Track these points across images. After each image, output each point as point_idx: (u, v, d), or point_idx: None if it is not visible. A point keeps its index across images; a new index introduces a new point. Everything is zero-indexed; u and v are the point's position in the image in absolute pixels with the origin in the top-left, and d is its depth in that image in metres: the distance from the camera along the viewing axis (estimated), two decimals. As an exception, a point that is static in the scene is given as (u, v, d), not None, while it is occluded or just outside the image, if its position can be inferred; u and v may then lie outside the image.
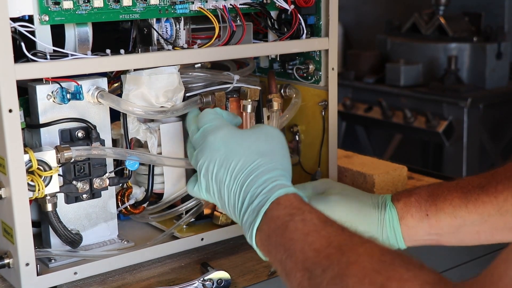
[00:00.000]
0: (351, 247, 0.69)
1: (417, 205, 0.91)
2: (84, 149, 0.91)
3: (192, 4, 0.98)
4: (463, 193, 0.88)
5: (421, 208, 0.90)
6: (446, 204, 0.89)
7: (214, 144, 0.84)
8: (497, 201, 0.85)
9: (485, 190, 0.87)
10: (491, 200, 0.86)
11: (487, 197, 0.86)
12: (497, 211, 0.85)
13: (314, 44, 1.10)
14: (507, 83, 2.87)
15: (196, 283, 0.90)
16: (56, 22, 0.88)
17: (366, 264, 0.65)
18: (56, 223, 0.90)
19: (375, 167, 1.20)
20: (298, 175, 1.20)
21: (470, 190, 0.88)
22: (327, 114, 1.13)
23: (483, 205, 0.86)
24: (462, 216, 0.88)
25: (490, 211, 0.86)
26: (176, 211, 1.04)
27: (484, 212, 0.86)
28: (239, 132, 0.86)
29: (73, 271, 0.91)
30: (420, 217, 0.90)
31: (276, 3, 1.06)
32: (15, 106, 0.81)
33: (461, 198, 0.88)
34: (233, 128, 0.87)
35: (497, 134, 2.93)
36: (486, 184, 0.87)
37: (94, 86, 0.93)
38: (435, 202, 0.90)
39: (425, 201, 0.90)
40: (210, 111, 0.90)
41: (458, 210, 0.88)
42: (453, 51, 2.81)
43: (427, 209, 0.90)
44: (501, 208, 0.85)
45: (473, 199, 0.87)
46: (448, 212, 0.88)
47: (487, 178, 0.88)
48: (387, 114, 2.88)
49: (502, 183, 0.86)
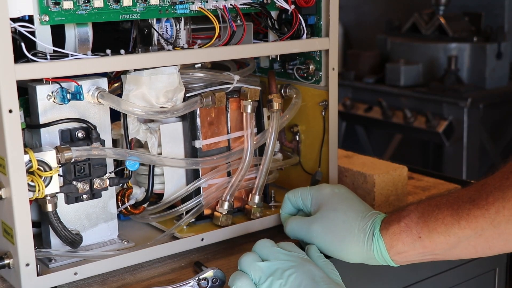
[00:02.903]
0: None
1: (407, 230, 0.89)
2: (84, 150, 0.91)
3: (193, 4, 0.98)
4: (454, 210, 0.87)
5: (412, 232, 0.89)
6: (438, 223, 0.87)
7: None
8: (489, 213, 0.84)
9: (476, 204, 0.85)
10: (483, 213, 0.84)
11: (479, 210, 0.84)
12: (490, 224, 0.84)
13: (314, 44, 1.09)
14: (507, 83, 2.87)
15: (192, 282, 0.90)
16: (56, 22, 0.88)
17: None
18: (56, 223, 0.90)
19: (375, 167, 1.20)
20: (298, 175, 1.20)
21: (461, 205, 0.86)
22: (327, 114, 1.13)
23: (475, 220, 0.85)
24: (456, 233, 0.86)
25: (483, 225, 0.84)
26: (177, 211, 1.04)
27: (478, 227, 0.85)
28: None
29: (73, 271, 0.91)
30: (412, 240, 0.89)
31: (276, 3, 1.06)
32: (15, 106, 0.81)
33: (453, 215, 0.87)
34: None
35: (497, 134, 2.93)
36: (477, 197, 0.85)
37: (94, 86, 0.93)
38: (427, 223, 0.88)
39: (415, 224, 0.89)
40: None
41: (451, 228, 0.87)
42: (453, 51, 2.81)
43: (419, 232, 0.89)
44: (494, 221, 0.84)
45: (464, 214, 0.86)
46: (441, 231, 0.87)
47: (478, 190, 0.86)
48: (387, 114, 2.88)
49: (493, 194, 0.84)
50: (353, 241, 0.92)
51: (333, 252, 0.93)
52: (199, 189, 1.06)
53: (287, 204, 1.03)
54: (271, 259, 0.86)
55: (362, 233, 0.92)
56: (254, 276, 0.85)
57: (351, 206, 0.95)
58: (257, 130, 1.10)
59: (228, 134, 1.08)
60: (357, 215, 0.94)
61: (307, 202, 1.00)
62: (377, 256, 0.91)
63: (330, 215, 0.94)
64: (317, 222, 0.95)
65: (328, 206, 0.96)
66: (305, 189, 1.01)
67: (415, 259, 0.91)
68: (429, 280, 1.13)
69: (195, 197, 1.05)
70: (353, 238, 0.92)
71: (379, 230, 0.91)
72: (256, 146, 1.09)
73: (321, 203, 0.97)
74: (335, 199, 0.97)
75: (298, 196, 1.02)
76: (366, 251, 0.92)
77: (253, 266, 0.86)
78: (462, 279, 1.19)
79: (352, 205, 0.96)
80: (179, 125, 1.05)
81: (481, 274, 1.22)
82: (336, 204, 0.96)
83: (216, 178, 1.07)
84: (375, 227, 0.92)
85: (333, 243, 0.93)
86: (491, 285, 1.24)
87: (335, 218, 0.94)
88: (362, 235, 0.92)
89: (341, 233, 0.93)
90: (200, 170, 1.05)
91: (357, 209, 0.95)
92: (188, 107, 1.00)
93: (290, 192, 1.03)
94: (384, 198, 1.17)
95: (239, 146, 1.09)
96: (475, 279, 1.21)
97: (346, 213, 0.94)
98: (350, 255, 0.93)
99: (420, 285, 1.12)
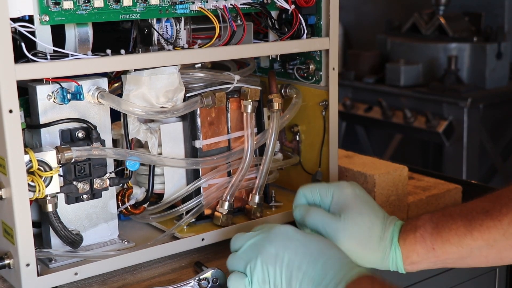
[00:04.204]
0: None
1: (422, 241, 0.90)
2: (85, 150, 0.91)
3: (193, 4, 0.98)
4: (467, 220, 0.88)
5: (426, 243, 0.90)
6: (451, 234, 0.88)
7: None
8: (502, 224, 0.85)
9: (489, 215, 0.86)
10: (496, 224, 0.85)
11: (492, 221, 0.85)
12: (502, 235, 0.85)
13: (314, 44, 1.09)
14: (507, 83, 2.87)
15: (192, 282, 0.90)
16: (56, 22, 0.87)
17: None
18: (57, 223, 0.90)
19: (375, 167, 1.20)
20: (298, 175, 1.20)
21: (475, 216, 0.87)
22: (327, 114, 1.13)
23: (488, 231, 0.86)
24: (468, 244, 0.87)
25: (495, 236, 0.85)
26: (177, 211, 1.04)
27: (490, 238, 0.86)
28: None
29: (74, 271, 0.91)
30: (425, 251, 0.90)
31: (276, 3, 1.06)
32: (16, 106, 0.81)
33: (466, 226, 0.87)
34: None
35: (497, 134, 2.93)
36: (491, 208, 0.86)
37: (94, 86, 0.93)
38: (441, 234, 0.89)
39: (430, 235, 0.90)
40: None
41: (463, 239, 0.87)
42: (453, 51, 2.81)
43: (433, 243, 0.90)
44: (506, 232, 0.85)
45: (477, 225, 0.86)
46: (454, 242, 0.88)
47: (492, 201, 0.87)
48: (387, 114, 2.88)
49: (507, 205, 0.85)
50: (374, 249, 0.92)
51: (352, 254, 0.93)
52: (199, 189, 1.05)
53: (301, 199, 1.01)
54: (244, 243, 0.89)
55: (383, 242, 0.93)
56: (238, 267, 0.87)
57: (373, 210, 0.95)
58: (257, 130, 1.10)
59: (228, 134, 1.08)
60: (380, 222, 0.94)
61: (326, 199, 0.98)
62: (391, 265, 0.93)
63: (357, 220, 0.93)
64: (346, 225, 0.93)
65: (354, 210, 0.95)
66: (324, 185, 1.00)
67: (425, 267, 0.92)
68: (429, 280, 1.13)
69: (195, 197, 1.05)
70: (374, 246, 0.92)
71: (397, 240, 0.92)
72: (256, 146, 1.09)
73: (344, 204, 0.96)
74: (358, 201, 0.96)
75: (316, 192, 0.99)
76: (382, 259, 0.92)
77: (231, 259, 0.89)
78: (462, 279, 1.19)
79: (373, 208, 0.96)
80: (179, 125, 1.05)
81: (481, 274, 1.22)
82: (360, 207, 0.95)
83: (216, 178, 1.07)
84: (394, 236, 0.92)
85: (355, 248, 0.92)
86: (492, 285, 1.24)
87: (361, 224, 0.93)
88: (382, 244, 0.92)
89: (365, 240, 0.93)
90: (200, 170, 1.05)
91: (378, 215, 0.95)
92: (188, 107, 1.00)
93: (305, 187, 1.01)
94: (385, 198, 1.17)
95: (239, 146, 1.09)
96: (475, 279, 1.21)
97: (371, 218, 0.94)
98: (366, 262, 0.93)
99: (420, 285, 1.12)
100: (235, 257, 0.88)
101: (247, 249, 0.87)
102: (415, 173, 1.37)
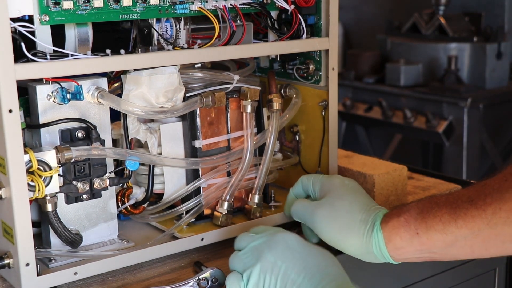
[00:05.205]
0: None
1: (406, 225, 0.90)
2: (84, 149, 0.91)
3: (192, 4, 0.98)
4: (452, 208, 0.87)
5: (410, 228, 0.90)
6: (436, 220, 0.88)
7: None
8: (486, 214, 0.84)
9: (474, 204, 0.86)
10: (480, 213, 0.85)
11: (476, 210, 0.85)
12: (487, 225, 0.84)
13: (314, 44, 1.09)
14: (507, 83, 2.87)
15: (191, 282, 0.91)
16: (56, 22, 0.87)
17: None
18: (56, 223, 0.90)
19: (375, 167, 1.20)
20: (298, 175, 1.19)
21: (460, 204, 0.87)
22: (327, 114, 1.13)
23: (472, 220, 0.85)
24: (453, 232, 0.87)
25: (480, 225, 0.85)
26: (176, 211, 1.04)
27: (474, 227, 0.85)
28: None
29: (73, 271, 0.91)
30: (409, 236, 0.90)
31: (276, 3, 1.06)
32: (15, 106, 0.81)
33: (451, 213, 0.87)
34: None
35: (497, 134, 2.93)
36: (475, 197, 0.86)
37: (94, 86, 0.93)
38: (425, 220, 0.89)
39: (414, 220, 0.90)
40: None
41: (448, 226, 0.87)
42: (453, 51, 2.81)
43: (417, 228, 0.89)
44: (490, 222, 0.84)
45: (462, 213, 0.86)
46: (439, 229, 0.88)
47: (477, 191, 0.87)
48: (387, 114, 2.88)
49: (491, 195, 0.84)
50: (354, 232, 0.93)
51: (333, 240, 0.94)
52: (199, 189, 1.06)
53: (298, 185, 1.06)
54: (247, 245, 0.90)
55: (363, 224, 0.93)
56: (238, 268, 0.88)
57: (357, 198, 0.97)
58: (257, 130, 1.10)
59: (228, 134, 1.08)
60: (361, 207, 0.95)
61: (316, 187, 1.02)
62: (375, 250, 0.92)
63: (336, 202, 0.96)
64: (322, 207, 0.97)
65: (335, 194, 0.98)
66: (318, 175, 1.04)
67: (412, 256, 0.92)
68: (429, 280, 1.13)
69: (195, 197, 1.05)
70: (354, 229, 0.93)
71: (379, 223, 0.92)
72: (256, 146, 1.10)
73: (328, 190, 0.99)
74: (343, 189, 0.99)
75: (310, 180, 1.04)
76: (365, 243, 0.92)
77: (233, 258, 0.90)
78: (462, 279, 1.19)
79: (358, 197, 0.97)
80: (179, 125, 1.05)
81: (481, 274, 1.22)
82: (343, 193, 0.98)
83: (216, 178, 1.07)
84: (376, 220, 0.93)
85: (334, 230, 0.94)
86: (491, 285, 1.24)
87: (339, 207, 0.95)
88: (363, 227, 0.93)
89: (343, 222, 0.94)
90: (200, 170, 1.05)
91: (362, 201, 0.96)
92: (188, 107, 1.00)
93: (305, 175, 1.07)
94: (384, 198, 1.17)
95: (239, 146, 1.09)
96: (475, 279, 1.21)
97: (351, 203, 0.95)
98: (349, 246, 0.93)
99: (420, 285, 1.12)
100: (236, 257, 0.89)
101: (248, 252, 0.88)
102: (414, 173, 1.37)
